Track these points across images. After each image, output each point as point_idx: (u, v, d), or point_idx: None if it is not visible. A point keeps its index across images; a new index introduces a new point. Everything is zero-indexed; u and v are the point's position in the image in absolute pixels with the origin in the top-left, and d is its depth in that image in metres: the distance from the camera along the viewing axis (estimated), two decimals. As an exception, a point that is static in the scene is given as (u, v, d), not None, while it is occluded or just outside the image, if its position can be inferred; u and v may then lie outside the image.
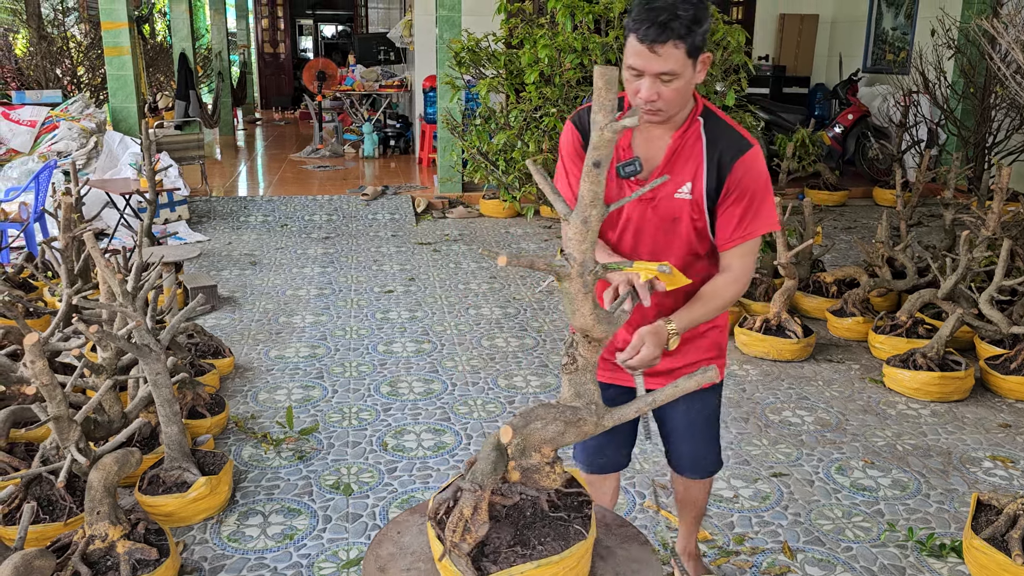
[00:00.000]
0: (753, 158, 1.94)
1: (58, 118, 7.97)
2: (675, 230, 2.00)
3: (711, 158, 1.93)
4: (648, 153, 1.98)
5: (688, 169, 1.95)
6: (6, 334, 3.70)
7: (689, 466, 2.38)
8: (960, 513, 3.09)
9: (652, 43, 1.77)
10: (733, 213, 1.95)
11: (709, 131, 1.95)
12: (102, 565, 2.46)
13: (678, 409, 2.25)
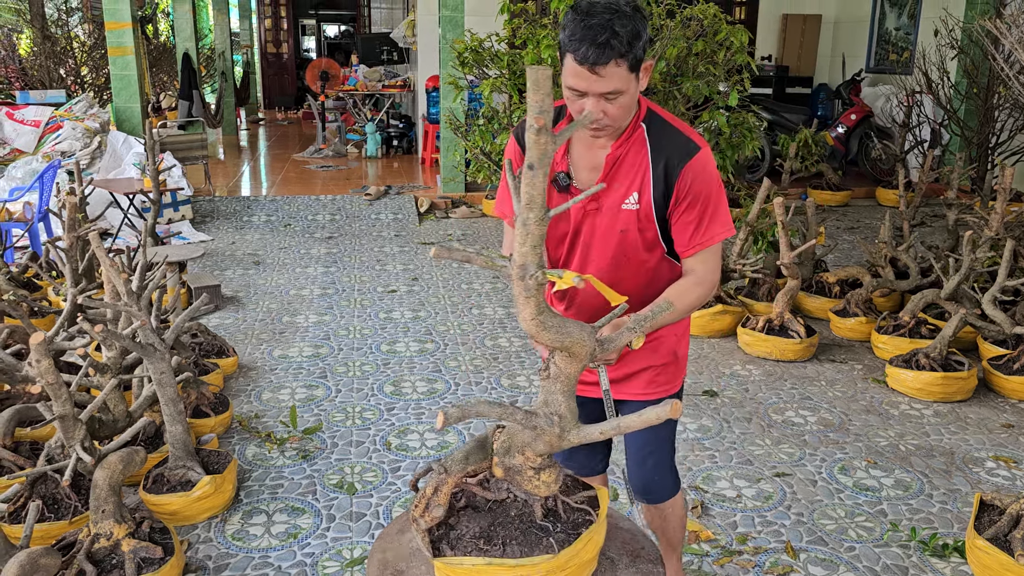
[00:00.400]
0: (702, 162, 1.86)
1: (62, 118, 7.99)
2: (624, 241, 1.93)
3: (656, 165, 1.85)
4: (590, 162, 1.91)
5: (634, 178, 1.88)
6: (11, 333, 3.71)
7: (640, 489, 2.26)
8: (963, 513, 3.10)
9: (593, 65, 1.69)
10: (688, 220, 1.88)
11: (653, 136, 1.87)
12: (107, 563, 2.47)
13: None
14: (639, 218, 1.90)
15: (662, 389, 2.13)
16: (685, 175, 1.84)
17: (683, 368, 2.19)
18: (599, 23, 1.69)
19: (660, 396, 2.11)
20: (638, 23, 1.72)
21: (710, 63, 5.24)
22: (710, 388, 4.17)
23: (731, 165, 5.32)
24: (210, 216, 7.89)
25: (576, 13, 1.73)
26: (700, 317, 4.87)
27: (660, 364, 2.11)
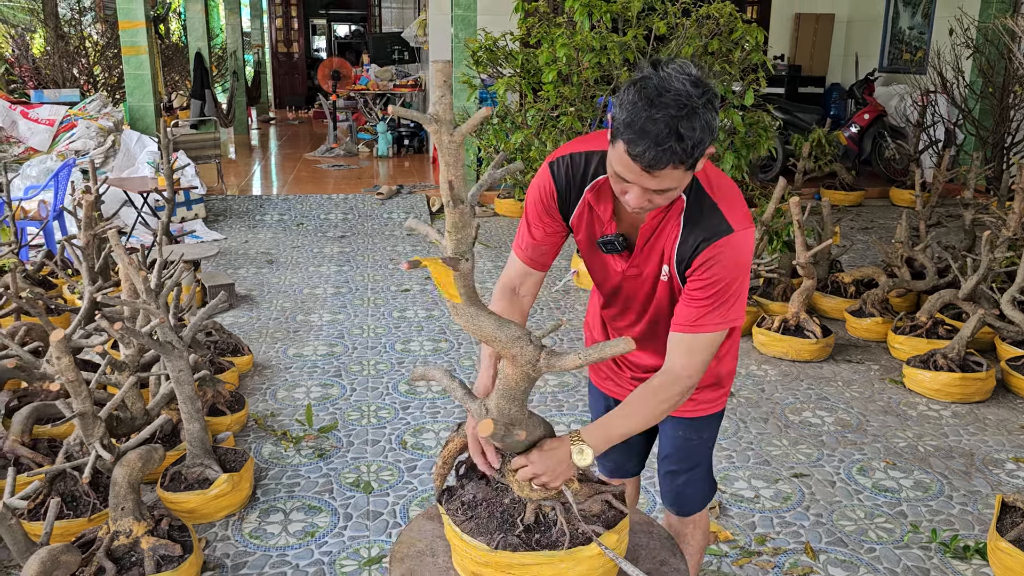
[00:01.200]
0: (730, 245, 1.66)
1: (76, 117, 8.02)
2: (660, 308, 1.87)
3: (684, 241, 1.71)
4: (632, 225, 1.80)
5: (668, 252, 1.75)
6: (28, 331, 3.72)
7: (666, 494, 2.20)
8: (984, 515, 3.07)
9: (648, 167, 1.51)
10: (691, 296, 1.70)
11: (690, 211, 1.70)
12: (126, 561, 2.47)
13: (665, 432, 2.12)
14: (671, 290, 1.81)
15: (703, 408, 2.05)
16: (705, 255, 1.67)
17: (726, 388, 2.08)
18: (664, 121, 1.47)
19: (699, 415, 2.06)
20: (710, 119, 1.51)
21: (725, 62, 5.22)
22: (726, 388, 4.15)
23: (746, 164, 5.30)
24: (223, 215, 7.91)
25: (640, 96, 1.50)
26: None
27: (701, 386, 2.01)
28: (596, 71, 5.16)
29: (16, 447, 2.99)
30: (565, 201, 1.83)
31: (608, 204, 1.77)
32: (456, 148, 1.35)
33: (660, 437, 2.18)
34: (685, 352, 1.72)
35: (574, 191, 1.80)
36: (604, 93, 5.40)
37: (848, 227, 7.70)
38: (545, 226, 1.86)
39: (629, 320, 1.98)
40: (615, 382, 2.15)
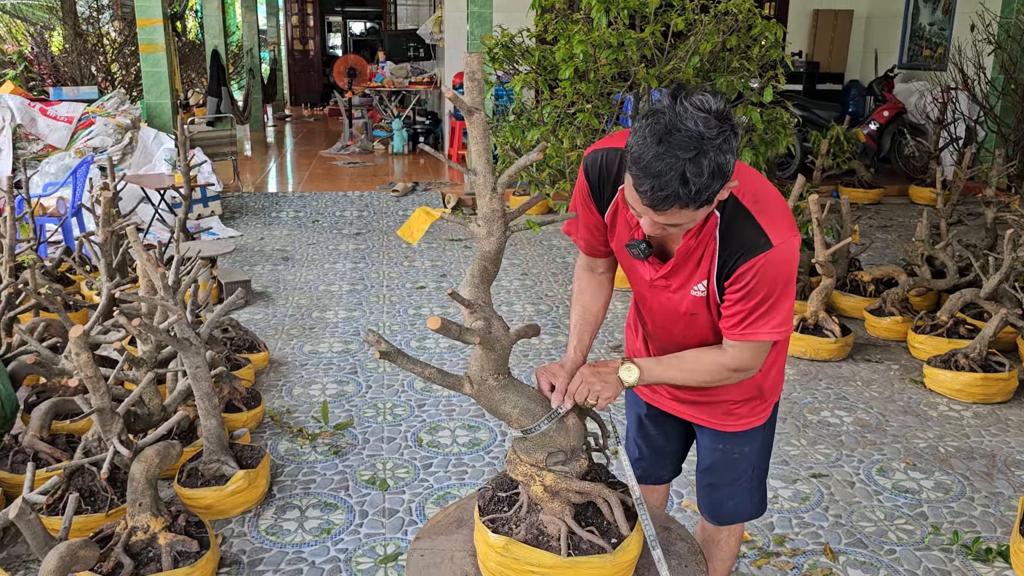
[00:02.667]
0: (771, 259, 1.62)
1: (94, 114, 8.06)
2: (694, 323, 1.82)
3: (722, 256, 1.68)
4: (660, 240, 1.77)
5: (703, 268, 1.72)
6: (47, 327, 3.74)
7: (704, 505, 2.16)
8: (1006, 517, 3.03)
9: (651, 207, 1.50)
10: (737, 310, 1.69)
11: (725, 227, 1.66)
12: (144, 556, 2.47)
13: (704, 445, 2.08)
14: (708, 305, 1.77)
15: (744, 422, 1.99)
16: (744, 269, 1.64)
17: (769, 401, 2.01)
18: (670, 163, 1.43)
19: (739, 430, 2.00)
20: (723, 161, 1.45)
21: (744, 58, 5.17)
22: (743, 387, 4.12)
23: (764, 162, 5.25)
24: (239, 212, 7.93)
25: (651, 131, 1.46)
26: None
27: (742, 399, 1.96)
28: (613, 68, 5.13)
29: (35, 442, 3.01)
30: (599, 196, 1.82)
31: None
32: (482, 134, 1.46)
33: (699, 449, 2.12)
34: (737, 347, 1.75)
35: (608, 188, 1.79)
36: (621, 90, 5.37)
37: (867, 225, 7.63)
38: (586, 219, 1.88)
39: (658, 329, 1.94)
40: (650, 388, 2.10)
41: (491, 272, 1.59)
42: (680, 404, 2.05)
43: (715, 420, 2.00)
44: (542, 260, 6.53)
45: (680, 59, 5.16)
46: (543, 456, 1.70)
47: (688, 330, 1.85)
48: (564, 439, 1.71)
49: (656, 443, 2.21)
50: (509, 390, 1.66)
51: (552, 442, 1.70)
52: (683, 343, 1.88)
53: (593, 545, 1.65)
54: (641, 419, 2.19)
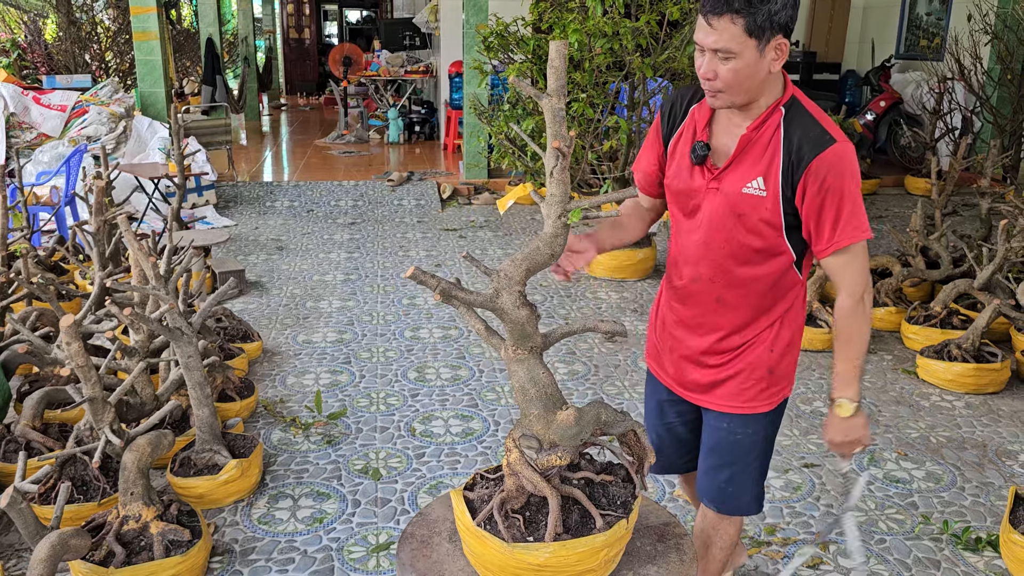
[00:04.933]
0: (837, 155, 1.74)
1: (88, 103, 8.03)
2: (737, 225, 1.84)
3: (788, 153, 1.76)
4: (724, 140, 1.86)
5: (761, 164, 1.79)
6: (39, 316, 3.73)
7: (706, 491, 2.13)
8: (996, 507, 3.04)
9: (707, 15, 1.67)
10: (822, 218, 1.77)
11: (788, 123, 1.78)
12: (136, 545, 2.48)
13: (708, 426, 2.08)
14: (762, 206, 1.80)
15: (750, 405, 1.99)
16: (814, 168, 1.73)
17: (781, 385, 2.01)
18: None
19: (746, 412, 2.00)
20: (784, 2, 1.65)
21: (739, 48, 5.15)
22: (737, 377, 4.13)
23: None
24: (233, 201, 7.91)
25: None
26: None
27: (751, 378, 1.97)
28: (608, 57, 5.11)
29: (27, 431, 3.01)
30: (668, 122, 1.96)
31: (706, 116, 1.88)
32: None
33: (704, 430, 2.11)
34: (843, 266, 1.81)
35: (679, 112, 1.94)
36: (617, 79, 5.35)
37: (862, 216, 7.63)
38: (649, 155, 2.02)
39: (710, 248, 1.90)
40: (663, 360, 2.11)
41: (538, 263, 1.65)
42: (688, 389, 2.06)
43: (723, 402, 2.01)
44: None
45: (675, 48, 5.14)
46: (519, 434, 1.72)
47: (728, 246, 1.86)
48: (543, 429, 1.71)
49: (676, 431, 2.21)
50: (521, 365, 1.70)
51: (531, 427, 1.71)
52: (727, 258, 1.88)
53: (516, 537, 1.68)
54: (661, 405, 2.19)
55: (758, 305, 1.92)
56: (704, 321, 1.98)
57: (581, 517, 1.73)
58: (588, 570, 1.68)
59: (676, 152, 1.93)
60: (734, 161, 1.82)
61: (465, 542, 1.74)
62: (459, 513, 1.74)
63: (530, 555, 1.64)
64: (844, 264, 1.80)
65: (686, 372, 2.05)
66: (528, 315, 1.65)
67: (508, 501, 1.74)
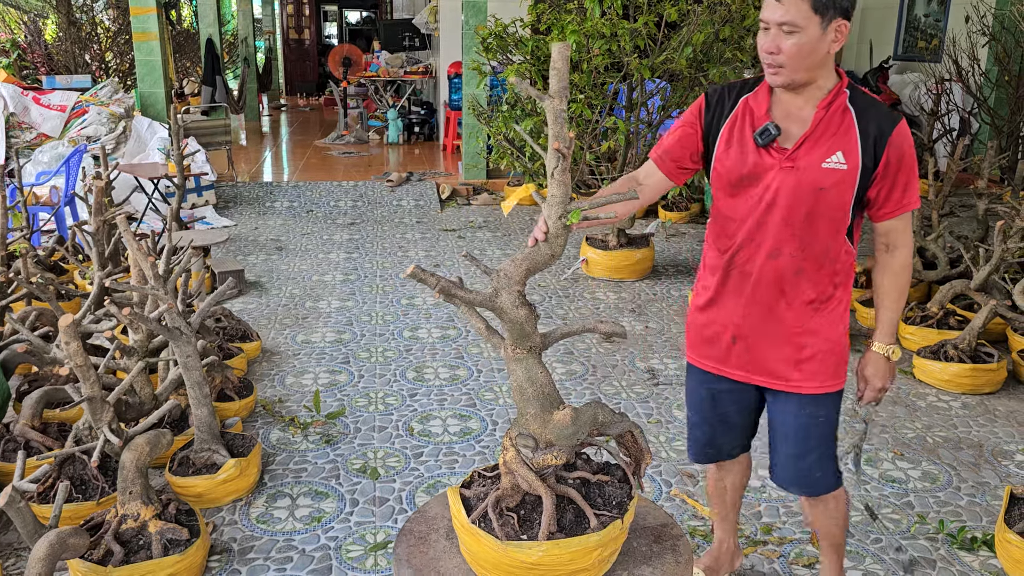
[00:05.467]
0: (905, 130, 1.93)
1: (88, 103, 8.04)
2: (821, 199, 1.93)
3: (865, 129, 1.90)
4: (788, 123, 1.95)
5: (837, 140, 1.91)
6: (39, 316, 3.74)
7: (793, 479, 2.19)
8: (992, 507, 3.05)
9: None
10: (894, 184, 1.94)
11: (856, 104, 1.92)
12: (134, 544, 2.49)
13: (787, 413, 2.11)
14: (843, 177, 1.92)
15: (829, 384, 2.06)
16: (895, 140, 1.90)
17: (843, 367, 2.10)
18: None
19: (825, 392, 2.06)
20: None
21: (737, 49, 5.17)
22: (734, 377, 4.14)
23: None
24: (233, 201, 7.92)
25: None
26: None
27: (832, 355, 2.05)
28: (606, 58, 5.13)
29: (26, 431, 3.02)
30: (712, 113, 2.01)
31: (765, 102, 1.97)
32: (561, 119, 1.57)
33: (777, 422, 2.15)
34: (904, 228, 2.01)
35: (728, 102, 2.02)
36: (615, 80, 5.37)
37: (860, 216, 7.64)
38: (682, 132, 2.07)
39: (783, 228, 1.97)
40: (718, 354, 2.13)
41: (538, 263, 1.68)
42: (763, 375, 2.08)
43: (807, 383, 2.05)
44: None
45: (673, 50, 5.16)
46: (516, 433, 1.73)
47: (810, 218, 1.94)
48: (540, 428, 1.72)
49: (731, 419, 2.24)
50: (520, 364, 1.73)
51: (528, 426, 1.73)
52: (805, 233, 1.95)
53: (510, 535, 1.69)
54: (716, 396, 2.21)
55: (831, 273, 2.02)
56: (786, 297, 2.02)
57: (576, 516, 1.74)
58: (581, 569, 1.69)
59: (732, 139, 2.00)
60: (808, 138, 1.92)
61: (461, 539, 1.75)
62: (455, 511, 1.76)
63: (523, 553, 1.65)
64: (905, 224, 2.01)
65: (763, 356, 2.07)
66: (527, 315, 1.67)
67: (503, 499, 1.75)
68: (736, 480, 2.44)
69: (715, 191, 2.08)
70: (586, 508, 1.73)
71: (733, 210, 2.03)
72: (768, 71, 1.90)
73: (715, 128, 2.02)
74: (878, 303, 2.09)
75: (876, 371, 2.09)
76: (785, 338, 2.05)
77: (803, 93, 1.93)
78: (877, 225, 2.03)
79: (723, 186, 2.04)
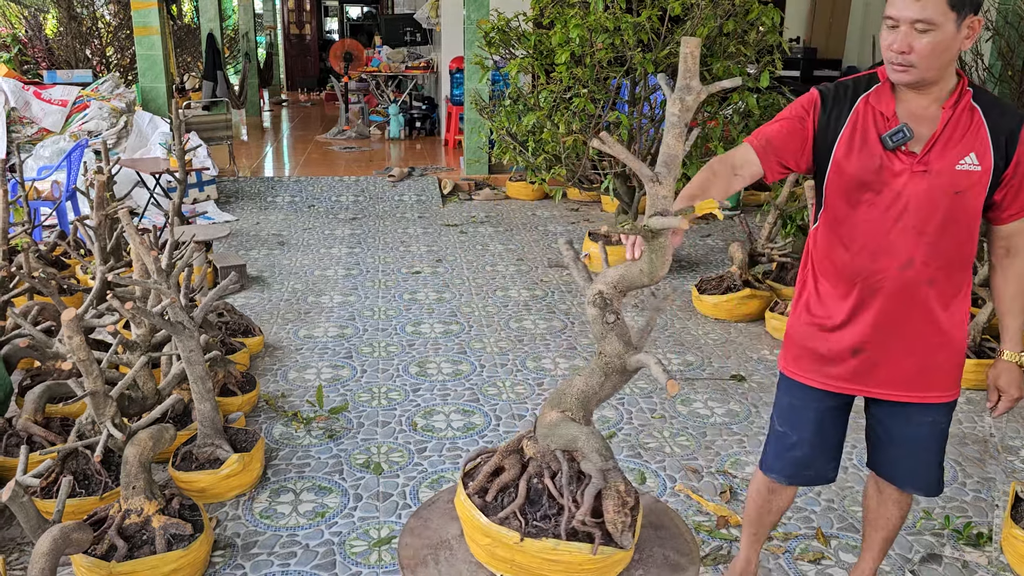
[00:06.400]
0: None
1: (89, 98, 8.02)
2: (956, 204, 1.86)
3: (995, 128, 1.85)
4: (915, 125, 1.87)
5: (968, 140, 1.85)
6: (41, 310, 3.74)
7: (911, 480, 2.15)
8: (998, 502, 3.04)
9: None
10: (1021, 184, 1.87)
11: (982, 102, 1.86)
12: (138, 539, 2.48)
13: (911, 423, 2.07)
14: (978, 179, 1.86)
15: (953, 391, 2.04)
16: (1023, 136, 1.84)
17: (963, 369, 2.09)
18: None
19: (952, 399, 2.05)
20: None
21: (740, 43, 5.15)
22: (738, 373, 4.13)
23: (760, 147, 5.23)
24: (234, 196, 7.91)
25: None
26: (728, 301, 4.82)
27: (953, 361, 2.02)
28: (610, 52, 5.10)
29: (29, 425, 3.01)
30: (829, 112, 1.91)
31: (890, 103, 1.87)
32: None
33: (900, 430, 2.09)
34: None
35: (846, 101, 1.92)
36: (618, 75, 5.35)
37: (863, 212, 7.62)
38: (789, 125, 1.95)
39: (918, 235, 1.89)
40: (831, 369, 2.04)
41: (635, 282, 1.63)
42: (887, 387, 2.02)
43: (934, 392, 2.02)
44: (537, 246, 6.52)
45: (677, 44, 5.13)
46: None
47: (945, 225, 1.87)
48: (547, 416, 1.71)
49: (832, 440, 2.17)
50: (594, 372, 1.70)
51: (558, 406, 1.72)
52: (941, 238, 1.88)
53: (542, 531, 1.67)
54: (823, 415, 2.12)
55: (960, 280, 1.96)
56: (917, 308, 1.94)
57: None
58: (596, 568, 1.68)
59: (854, 141, 1.90)
60: (939, 140, 1.85)
61: (470, 535, 1.75)
62: (462, 510, 1.75)
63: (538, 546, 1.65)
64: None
65: (890, 369, 2.00)
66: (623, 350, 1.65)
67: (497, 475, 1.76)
68: (786, 505, 2.35)
69: (831, 199, 1.96)
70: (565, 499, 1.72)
71: (854, 220, 1.94)
72: (896, 70, 1.81)
73: (833, 128, 1.92)
74: (1004, 310, 2.01)
75: (1011, 381, 2.03)
76: (913, 350, 1.98)
77: (929, 92, 1.85)
78: (998, 228, 1.94)
79: (843, 192, 1.93)
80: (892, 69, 1.83)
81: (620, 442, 3.44)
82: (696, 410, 3.73)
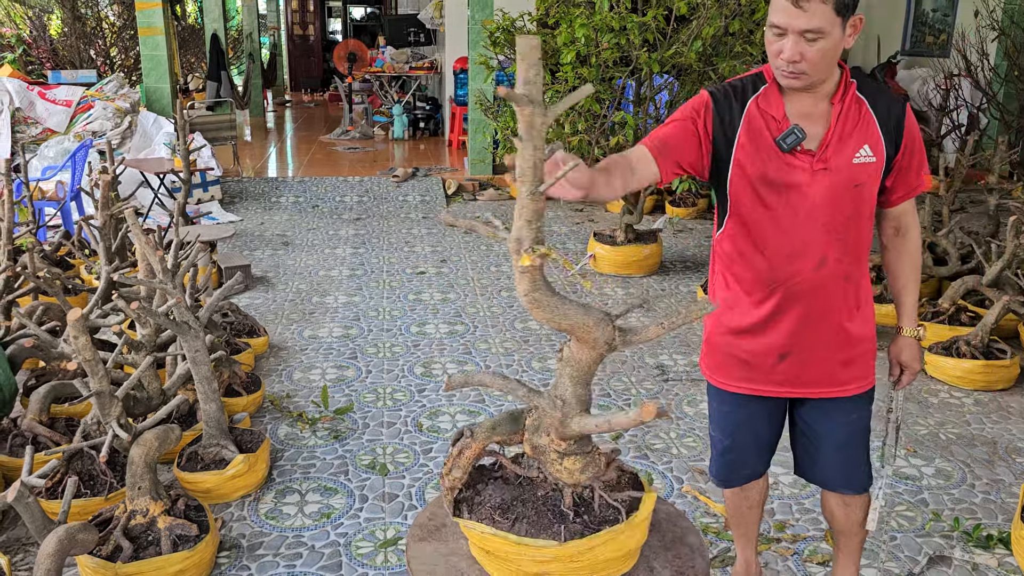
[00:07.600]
0: (911, 112, 1.93)
1: (93, 98, 8.02)
2: (858, 197, 1.89)
3: (882, 117, 1.88)
4: (807, 124, 1.86)
5: (860, 133, 1.87)
6: (46, 310, 3.73)
7: (843, 480, 2.15)
8: (1007, 504, 3.02)
9: (795, 2, 1.71)
10: (911, 165, 1.93)
11: (866, 92, 1.89)
12: (143, 540, 2.47)
13: (835, 420, 2.07)
14: (875, 170, 1.90)
15: (871, 379, 2.06)
16: (908, 124, 1.90)
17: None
18: None
19: (871, 387, 2.06)
20: None
21: (746, 43, 5.14)
22: (744, 373, 4.11)
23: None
24: (238, 197, 7.91)
25: None
26: (733, 302, 4.79)
27: (871, 349, 2.04)
28: (615, 52, 5.09)
29: (34, 426, 3.00)
30: (720, 116, 1.89)
31: (779, 105, 1.87)
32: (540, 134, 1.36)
33: (818, 425, 2.09)
34: (913, 211, 2.03)
35: (736, 104, 1.90)
36: (623, 75, 5.34)
37: (868, 212, 7.60)
38: (682, 127, 1.90)
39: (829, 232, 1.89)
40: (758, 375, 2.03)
41: None
42: (812, 386, 2.02)
43: (855, 383, 2.03)
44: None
45: (682, 43, 5.12)
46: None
47: (852, 219, 1.90)
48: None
49: (764, 438, 2.18)
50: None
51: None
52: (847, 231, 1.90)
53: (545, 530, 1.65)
54: (751, 416, 2.12)
55: (865, 269, 2.00)
56: (836, 304, 1.96)
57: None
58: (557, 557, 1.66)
59: (749, 145, 1.87)
60: (832, 136, 1.86)
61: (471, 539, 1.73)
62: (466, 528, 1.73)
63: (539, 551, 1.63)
64: (913, 205, 2.02)
65: (812, 367, 1.99)
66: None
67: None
68: (760, 497, 2.35)
69: (738, 201, 1.92)
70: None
71: (764, 223, 1.91)
72: (787, 76, 1.80)
73: (730, 128, 1.88)
74: (899, 288, 2.08)
75: (913, 355, 2.10)
76: (834, 345, 1.98)
77: (818, 90, 1.86)
78: (888, 211, 2.01)
79: (749, 192, 1.90)
80: (782, 75, 1.82)
81: (627, 443, 3.42)
82: (703, 411, 3.71)
